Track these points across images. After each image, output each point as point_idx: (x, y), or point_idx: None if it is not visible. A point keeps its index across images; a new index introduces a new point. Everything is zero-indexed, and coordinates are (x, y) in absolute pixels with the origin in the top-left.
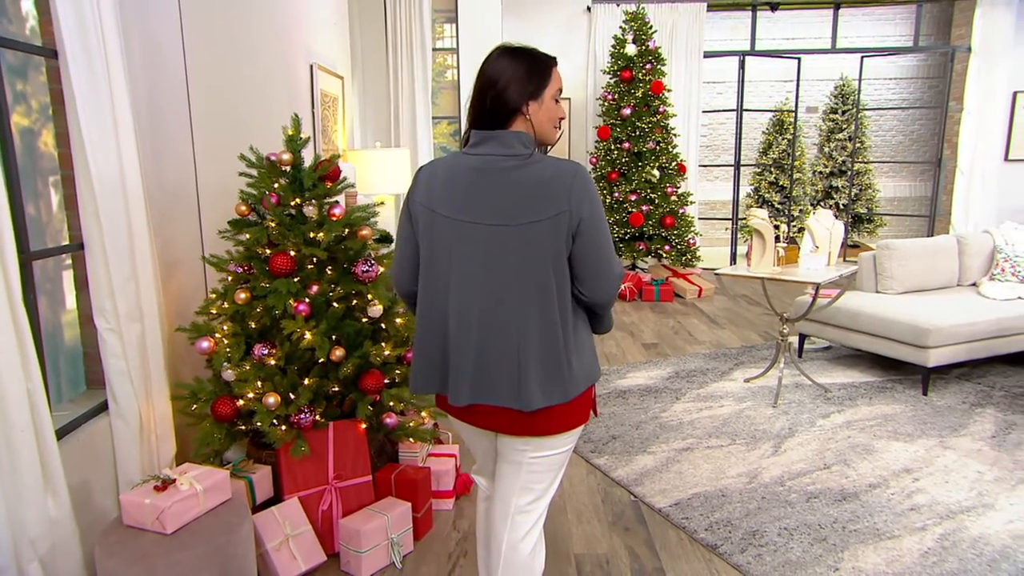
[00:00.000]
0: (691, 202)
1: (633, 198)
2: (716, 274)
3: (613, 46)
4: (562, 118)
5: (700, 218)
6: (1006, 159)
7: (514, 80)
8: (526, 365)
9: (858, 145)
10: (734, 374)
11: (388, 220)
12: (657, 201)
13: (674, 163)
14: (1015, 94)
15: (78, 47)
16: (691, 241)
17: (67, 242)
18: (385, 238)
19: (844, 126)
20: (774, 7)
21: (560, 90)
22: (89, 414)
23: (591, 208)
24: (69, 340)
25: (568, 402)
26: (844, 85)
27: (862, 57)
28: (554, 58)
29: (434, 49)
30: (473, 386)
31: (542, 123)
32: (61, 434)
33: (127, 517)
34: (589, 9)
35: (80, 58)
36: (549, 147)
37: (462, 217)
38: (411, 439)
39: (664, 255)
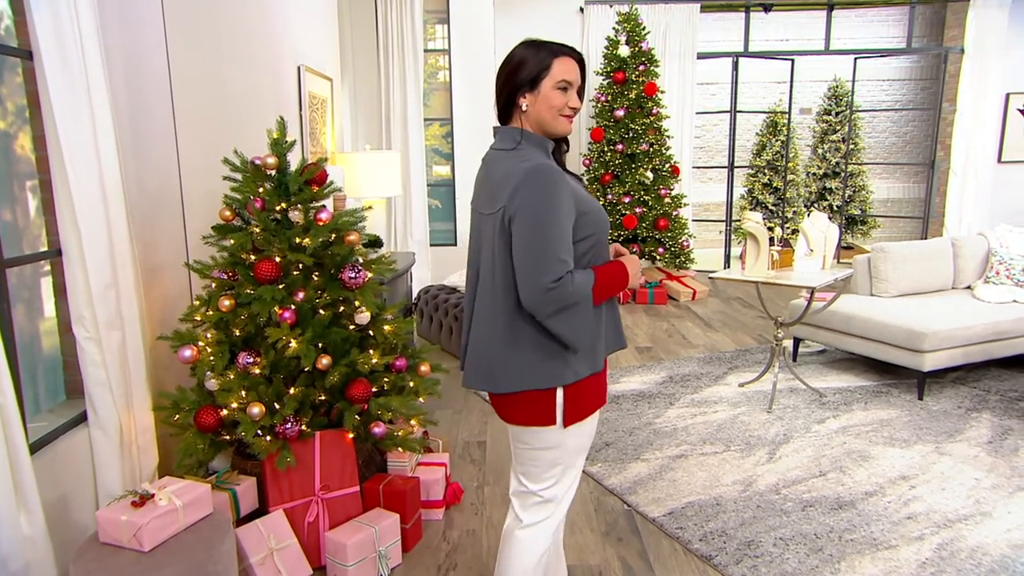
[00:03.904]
0: (685, 204)
1: (626, 200)
2: (710, 278)
3: (606, 47)
4: (574, 107)
5: (694, 220)
6: (999, 161)
7: (512, 71)
8: (471, 346)
9: (852, 147)
10: (728, 378)
11: (378, 224)
12: (650, 203)
13: (667, 165)
14: (1008, 96)
15: (54, 48)
16: (685, 243)
17: (45, 248)
18: (375, 242)
19: (838, 127)
20: (767, 8)
21: (567, 81)
22: (67, 425)
23: (525, 208)
24: (48, 348)
25: (499, 393)
26: (837, 86)
27: (855, 58)
28: (562, 48)
29: (426, 50)
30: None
31: (540, 113)
32: (38, 446)
33: (103, 534)
34: (582, 10)
35: (56, 59)
36: (565, 142)
37: (473, 204)
38: (399, 448)
39: (658, 257)
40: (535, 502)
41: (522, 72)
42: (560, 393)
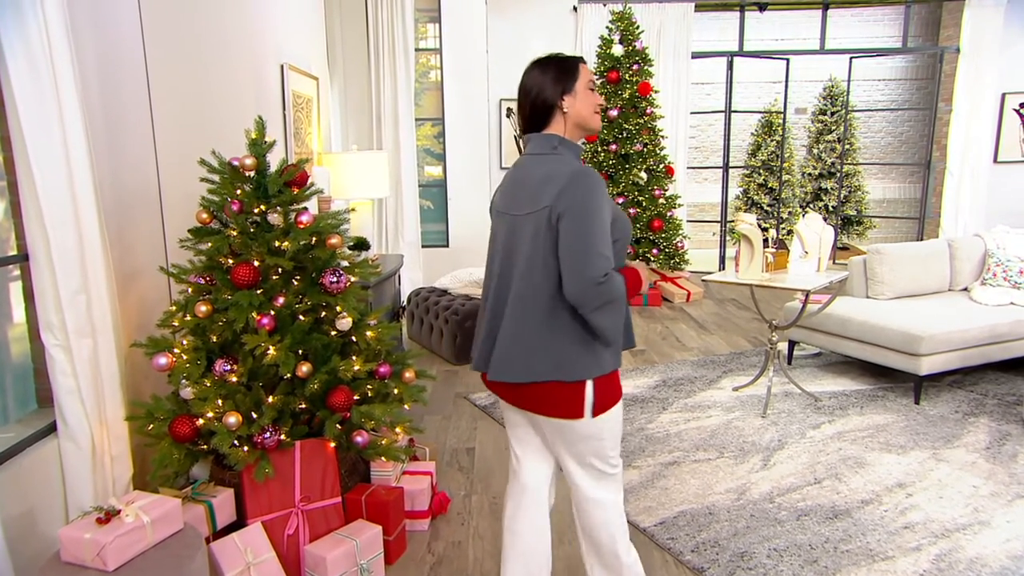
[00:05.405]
0: (679, 205)
1: (620, 201)
2: (703, 280)
3: (600, 47)
4: (601, 104)
5: (688, 221)
6: (995, 161)
7: (546, 82)
8: (499, 340)
9: (847, 147)
10: (722, 382)
11: (364, 226)
12: (645, 204)
13: (662, 165)
14: (1004, 95)
15: (16, 42)
16: (679, 244)
17: (14, 252)
18: (361, 244)
19: (833, 127)
20: (762, 7)
21: (593, 82)
22: (36, 436)
23: (574, 207)
24: (17, 356)
25: (525, 383)
26: (833, 86)
27: (851, 58)
28: (579, 57)
29: (417, 49)
30: (479, 356)
31: (580, 111)
32: (3, 458)
33: (66, 553)
34: (575, 9)
35: (19, 55)
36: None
37: (501, 208)
38: (383, 458)
39: (652, 259)
40: (607, 478)
41: (560, 78)
42: (590, 386)
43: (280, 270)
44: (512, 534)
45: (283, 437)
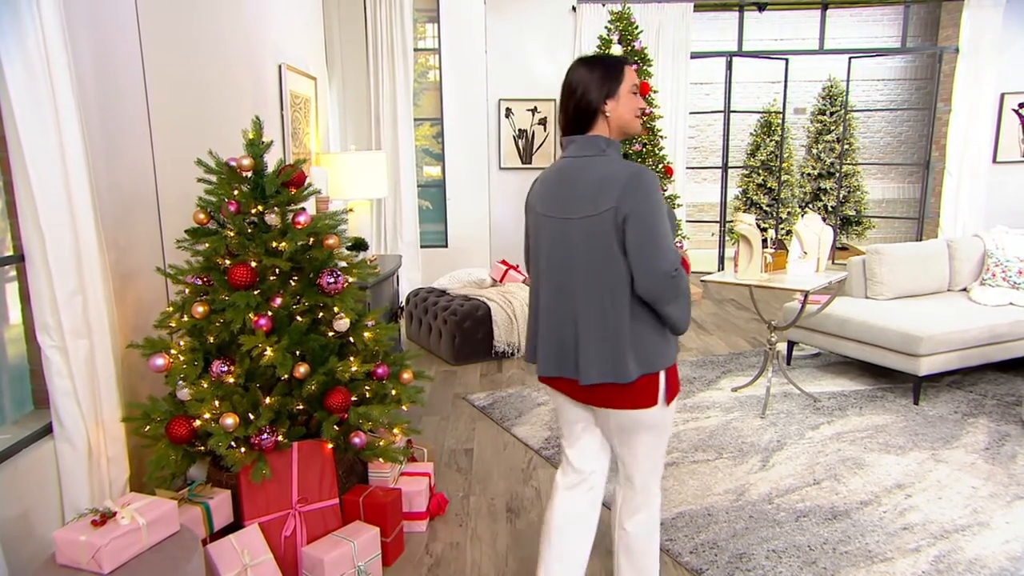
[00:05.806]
0: (678, 205)
1: None
2: (702, 281)
3: (599, 47)
4: (643, 108)
5: (687, 221)
6: (994, 161)
7: (591, 84)
8: (583, 344)
9: (846, 147)
10: (721, 383)
11: (362, 226)
12: None
13: (661, 165)
14: (1003, 95)
15: (12, 43)
16: (679, 244)
17: (10, 252)
18: (359, 244)
19: (832, 127)
20: (761, 7)
21: (636, 85)
22: (31, 438)
23: (639, 206)
24: (14, 357)
25: (622, 383)
26: (832, 86)
27: (850, 58)
28: (625, 58)
29: (416, 49)
30: (550, 360)
31: (623, 115)
32: None
33: (61, 555)
34: (574, 9)
35: (15, 56)
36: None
37: (546, 212)
38: (381, 459)
39: None
40: (655, 477)
41: (605, 80)
42: (663, 375)
43: (277, 271)
44: (558, 533)
45: (280, 438)
